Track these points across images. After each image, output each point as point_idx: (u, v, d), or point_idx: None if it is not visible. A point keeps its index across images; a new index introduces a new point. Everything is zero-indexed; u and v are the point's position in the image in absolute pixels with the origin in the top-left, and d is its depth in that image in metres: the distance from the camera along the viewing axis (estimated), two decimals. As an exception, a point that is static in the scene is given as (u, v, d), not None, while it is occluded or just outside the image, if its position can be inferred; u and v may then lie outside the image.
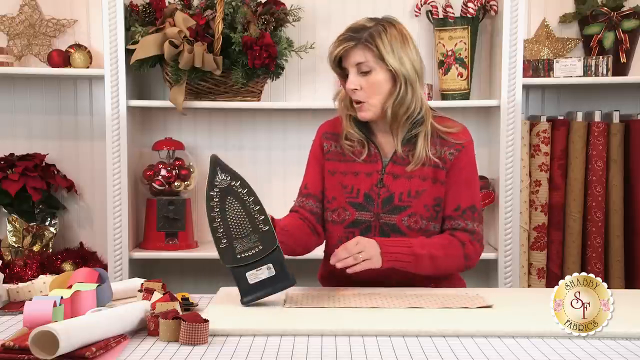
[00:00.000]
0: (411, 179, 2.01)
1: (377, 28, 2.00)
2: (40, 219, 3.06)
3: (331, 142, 2.10)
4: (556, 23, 3.16)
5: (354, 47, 1.97)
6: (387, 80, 1.98)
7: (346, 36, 1.99)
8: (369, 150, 2.06)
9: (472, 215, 2.03)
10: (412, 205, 2.01)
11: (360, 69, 1.98)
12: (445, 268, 2.02)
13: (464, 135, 2.09)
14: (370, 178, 2.04)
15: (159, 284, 1.79)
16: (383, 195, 2.02)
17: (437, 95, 3.09)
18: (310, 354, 1.39)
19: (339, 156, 2.08)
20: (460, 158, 2.04)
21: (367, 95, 1.99)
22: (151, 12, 2.93)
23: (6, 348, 1.34)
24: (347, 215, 2.03)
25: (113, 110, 2.87)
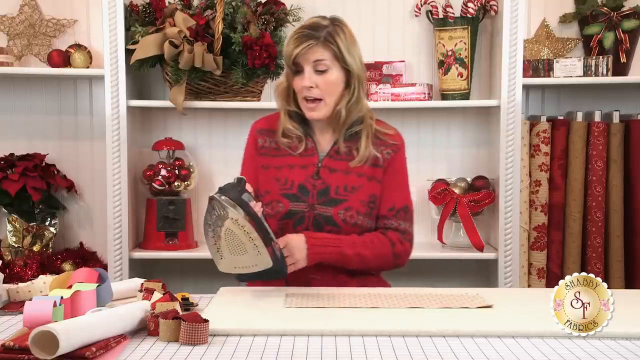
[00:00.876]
0: (348, 175, 2.05)
1: (335, 27, 2.03)
2: (40, 219, 3.06)
3: (266, 137, 2.12)
4: (556, 23, 3.16)
5: (314, 46, 1.99)
6: (341, 80, 2.03)
7: (305, 34, 2.01)
8: (306, 145, 2.08)
9: (404, 216, 2.09)
10: (349, 199, 2.03)
11: (316, 67, 2.00)
12: (374, 266, 2.07)
13: (399, 137, 2.14)
14: (306, 170, 2.06)
15: (159, 284, 1.79)
16: (319, 187, 2.04)
17: (437, 95, 3.09)
18: (310, 354, 1.39)
19: (273, 151, 2.10)
20: (396, 158, 2.10)
21: (323, 94, 2.01)
22: (151, 12, 2.93)
23: (6, 348, 1.34)
24: (280, 207, 2.04)
25: (113, 110, 2.87)
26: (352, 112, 2.04)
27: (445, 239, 3.05)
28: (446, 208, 2.97)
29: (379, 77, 3.09)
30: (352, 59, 2.02)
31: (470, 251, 2.97)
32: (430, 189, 3.03)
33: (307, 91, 2.01)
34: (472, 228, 2.94)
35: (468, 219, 2.94)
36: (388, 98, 2.97)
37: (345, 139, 2.07)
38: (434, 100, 3.04)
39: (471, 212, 2.93)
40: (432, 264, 3.17)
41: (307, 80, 2.00)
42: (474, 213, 2.95)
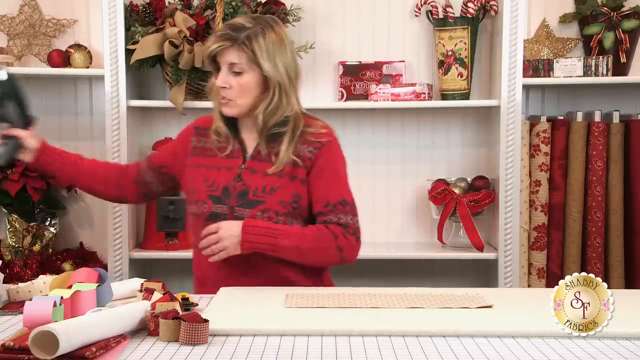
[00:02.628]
0: (267, 176, 2.03)
1: (256, 30, 1.99)
2: (40, 219, 3.06)
3: (200, 137, 2.12)
4: (556, 23, 3.16)
5: (230, 47, 1.98)
6: (258, 84, 2.01)
7: (225, 34, 1.99)
8: (233, 146, 2.08)
9: (343, 209, 2.04)
10: (267, 200, 2.01)
11: (232, 69, 1.99)
12: (315, 260, 2.03)
13: (326, 135, 2.08)
14: (231, 172, 2.06)
15: (159, 284, 1.78)
16: (239, 189, 2.04)
17: (437, 95, 3.09)
18: (310, 354, 1.39)
19: (204, 151, 2.10)
20: (320, 156, 2.05)
21: (236, 95, 2.01)
22: (151, 12, 2.93)
23: (6, 348, 1.34)
24: (205, 208, 2.04)
25: (113, 110, 2.87)
26: (271, 117, 2.01)
27: (445, 239, 3.05)
28: (446, 208, 2.97)
29: (379, 77, 3.09)
30: (271, 64, 1.98)
31: (470, 251, 2.97)
32: (430, 189, 3.03)
33: (221, 90, 2.02)
34: (472, 228, 2.94)
35: (468, 219, 2.94)
36: (388, 98, 2.97)
37: (267, 141, 2.05)
38: (434, 100, 3.04)
39: (471, 212, 2.93)
40: (432, 264, 3.18)
41: (220, 80, 2.01)
42: (474, 213, 2.95)
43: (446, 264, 3.18)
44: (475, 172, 3.12)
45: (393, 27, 3.16)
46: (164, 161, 2.17)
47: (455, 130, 3.19)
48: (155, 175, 2.16)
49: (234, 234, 1.95)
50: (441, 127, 3.19)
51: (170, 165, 2.15)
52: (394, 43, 3.16)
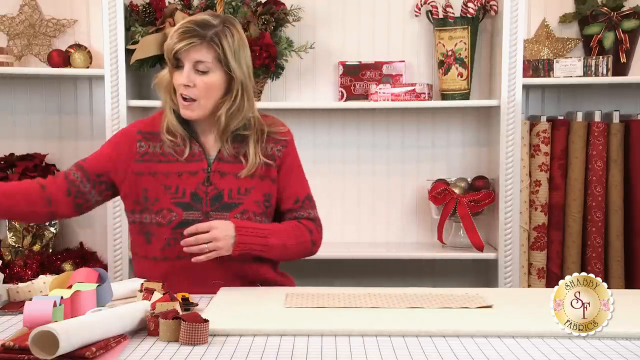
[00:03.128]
0: (239, 177, 2.00)
1: (224, 29, 1.94)
2: (40, 219, 3.06)
3: (149, 142, 2.02)
4: (556, 23, 3.16)
5: (199, 45, 1.91)
6: (222, 83, 1.96)
7: (191, 30, 1.91)
8: (192, 149, 2.00)
9: (310, 204, 2.09)
10: (244, 201, 1.99)
11: (196, 67, 1.92)
12: (294, 255, 2.05)
13: (287, 132, 2.10)
14: (196, 177, 1.99)
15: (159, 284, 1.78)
16: (211, 193, 1.99)
17: (437, 95, 3.09)
18: (310, 354, 1.39)
19: (158, 157, 2.01)
20: (288, 153, 2.06)
21: (199, 95, 1.94)
22: (151, 12, 2.93)
23: (6, 348, 1.34)
24: (173, 216, 1.97)
25: (113, 110, 2.87)
26: (233, 119, 1.97)
27: (445, 239, 3.05)
28: (446, 208, 2.97)
29: (379, 77, 3.09)
30: (237, 64, 1.94)
31: (470, 251, 2.97)
32: (430, 189, 3.03)
33: (184, 89, 1.93)
34: (472, 228, 2.94)
35: (468, 219, 2.94)
36: (388, 98, 2.97)
37: (230, 142, 2.01)
38: (434, 100, 3.04)
39: (471, 212, 2.93)
40: (432, 264, 3.18)
41: (185, 78, 1.92)
42: (474, 213, 2.95)
43: (446, 264, 3.18)
44: (475, 172, 3.13)
45: (393, 27, 3.16)
46: (101, 169, 2.02)
47: (455, 130, 3.19)
48: (93, 184, 2.01)
49: (230, 235, 1.90)
50: (441, 127, 3.19)
51: (109, 172, 2.02)
52: (394, 43, 3.16)
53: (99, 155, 2.06)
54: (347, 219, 3.21)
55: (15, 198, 1.96)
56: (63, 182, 2.01)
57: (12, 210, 1.98)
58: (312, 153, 3.15)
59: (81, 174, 2.01)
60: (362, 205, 3.21)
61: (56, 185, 2.00)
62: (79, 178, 2.01)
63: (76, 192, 2.01)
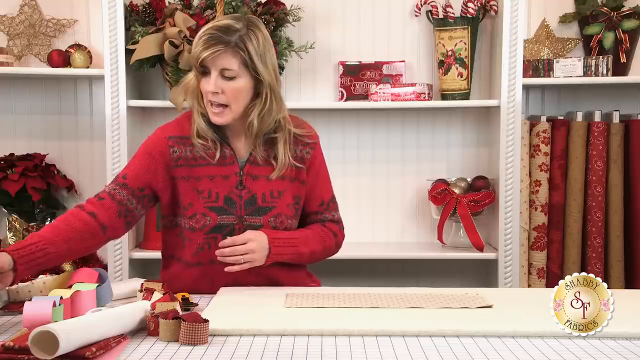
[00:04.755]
0: (270, 180, 2.00)
1: (248, 32, 1.91)
2: (40, 219, 3.06)
3: (181, 147, 1.99)
4: (556, 23, 3.16)
5: (223, 52, 1.88)
6: (250, 87, 1.93)
7: (215, 37, 1.88)
8: (223, 152, 1.98)
9: (334, 206, 2.12)
10: (277, 205, 1.99)
11: (223, 74, 1.89)
12: (320, 258, 2.09)
13: (315, 134, 2.10)
14: (229, 181, 1.98)
15: (159, 284, 1.79)
16: (245, 197, 1.97)
17: (437, 95, 3.09)
18: (310, 354, 1.39)
19: (190, 161, 1.98)
20: (316, 156, 2.07)
21: (228, 101, 1.91)
22: (151, 12, 2.93)
23: (6, 348, 1.34)
24: (207, 220, 1.95)
25: (113, 110, 2.87)
26: (265, 121, 1.95)
27: (445, 239, 3.05)
28: (446, 208, 2.97)
29: (379, 77, 3.09)
30: (264, 67, 1.91)
31: (470, 251, 2.97)
32: (430, 189, 3.03)
33: (212, 96, 1.91)
34: (472, 228, 2.94)
35: (468, 219, 2.94)
36: (388, 98, 2.97)
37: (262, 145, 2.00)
38: (434, 100, 3.04)
39: (471, 212, 2.93)
40: (432, 264, 3.18)
41: (212, 85, 1.89)
42: (474, 213, 2.95)
43: (446, 264, 3.18)
44: (475, 172, 3.13)
45: (393, 27, 3.16)
46: (143, 182, 1.97)
47: (455, 130, 3.19)
48: (138, 199, 1.97)
49: (265, 247, 1.92)
50: (441, 127, 3.19)
51: (150, 184, 1.98)
52: (394, 43, 3.16)
53: (137, 169, 1.99)
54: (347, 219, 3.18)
55: (74, 240, 1.85)
56: (112, 204, 1.94)
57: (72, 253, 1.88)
58: (312, 153, 3.15)
59: (126, 192, 1.96)
60: (362, 205, 3.21)
61: (105, 209, 1.93)
62: (125, 197, 1.95)
63: (126, 212, 1.95)
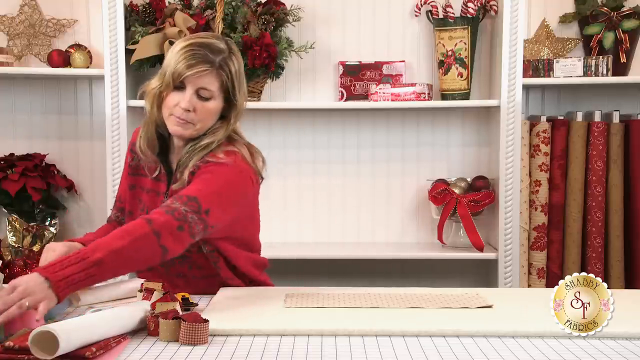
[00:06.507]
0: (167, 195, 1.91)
1: (230, 55, 1.86)
2: (40, 219, 3.06)
3: (133, 155, 2.00)
4: (556, 23, 3.16)
5: (209, 72, 1.82)
6: (219, 110, 1.88)
7: (200, 55, 1.82)
8: (160, 169, 1.94)
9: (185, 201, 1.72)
10: None
11: (199, 93, 1.83)
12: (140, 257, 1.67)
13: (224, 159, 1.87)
14: (158, 198, 1.93)
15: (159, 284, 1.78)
16: None
17: (437, 95, 3.09)
18: (310, 354, 1.39)
19: (140, 170, 1.98)
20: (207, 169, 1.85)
21: (197, 120, 1.84)
22: (151, 12, 2.93)
23: (6, 348, 1.34)
24: None
25: (113, 110, 2.87)
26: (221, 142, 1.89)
27: (445, 239, 3.05)
28: (446, 208, 2.97)
29: (379, 77, 3.09)
30: (239, 92, 1.88)
31: (470, 251, 2.97)
32: (430, 189, 3.03)
33: (181, 112, 1.83)
34: (472, 228, 2.94)
35: (468, 219, 2.94)
36: (388, 98, 2.97)
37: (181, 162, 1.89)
38: (434, 100, 3.04)
39: (471, 212, 2.93)
40: (432, 264, 3.18)
41: (186, 102, 1.82)
42: (474, 213, 2.95)
43: (446, 264, 3.18)
44: (475, 172, 3.13)
45: (393, 27, 3.16)
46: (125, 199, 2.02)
47: (455, 130, 3.19)
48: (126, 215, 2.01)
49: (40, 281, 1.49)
50: (441, 127, 3.19)
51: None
52: (394, 43, 3.16)
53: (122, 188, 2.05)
54: (347, 219, 3.21)
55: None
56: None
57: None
58: (312, 153, 3.15)
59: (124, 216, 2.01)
60: (362, 205, 3.21)
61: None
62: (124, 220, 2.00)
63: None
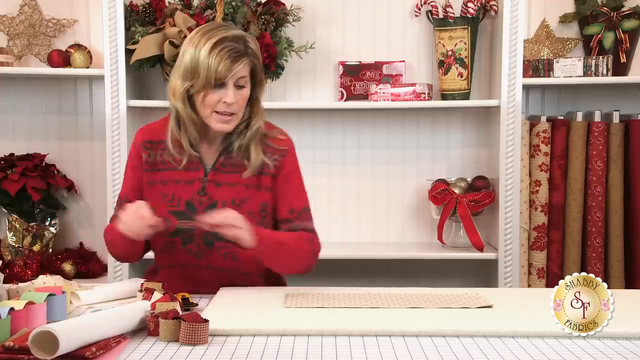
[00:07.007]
0: (234, 187, 1.97)
1: (253, 42, 1.95)
2: (40, 219, 3.06)
3: (149, 151, 2.01)
4: (556, 23, 3.16)
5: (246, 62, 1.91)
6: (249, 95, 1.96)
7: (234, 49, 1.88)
8: (190, 158, 1.98)
9: (307, 217, 2.02)
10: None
11: (238, 83, 1.90)
12: (297, 263, 1.99)
13: (288, 141, 2.06)
14: (192, 186, 1.98)
15: (159, 284, 1.79)
16: (205, 204, 1.96)
17: (437, 95, 3.09)
18: (310, 354, 1.39)
19: (157, 165, 2.00)
20: (286, 163, 2.02)
21: (238, 109, 1.93)
22: (151, 12, 2.93)
23: (6, 348, 1.34)
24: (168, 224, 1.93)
25: (113, 110, 2.87)
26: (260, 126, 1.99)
27: (445, 239, 3.05)
28: (446, 208, 2.97)
29: (379, 77, 3.09)
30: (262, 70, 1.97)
31: (470, 251, 2.97)
32: (430, 189, 3.03)
33: (226, 107, 1.90)
34: (472, 228, 2.94)
35: (468, 219, 2.94)
36: (388, 98, 2.97)
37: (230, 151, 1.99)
38: (434, 100, 3.04)
39: (471, 212, 2.93)
40: (432, 264, 3.18)
41: (230, 97, 1.89)
42: (474, 213, 2.95)
43: (446, 264, 3.18)
44: (475, 172, 3.12)
45: (393, 27, 3.16)
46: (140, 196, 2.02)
47: (455, 130, 3.19)
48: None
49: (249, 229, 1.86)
50: (441, 127, 3.19)
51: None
52: (394, 43, 3.16)
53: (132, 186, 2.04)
54: (347, 219, 3.21)
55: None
56: None
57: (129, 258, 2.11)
58: (312, 153, 3.15)
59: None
60: (362, 205, 3.21)
61: None
62: None
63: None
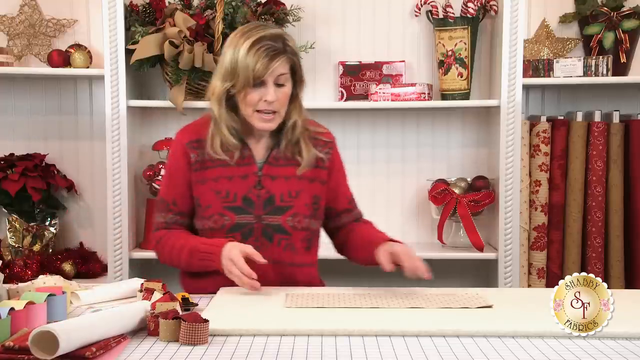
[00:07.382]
0: (289, 180, 2.02)
1: (290, 39, 1.99)
2: (40, 219, 3.06)
3: (197, 151, 2.03)
4: (556, 23, 3.16)
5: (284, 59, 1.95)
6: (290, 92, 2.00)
7: (272, 47, 1.92)
8: (242, 153, 2.02)
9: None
10: (294, 205, 2.01)
11: (278, 81, 1.95)
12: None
13: (330, 134, 2.15)
14: (247, 181, 2.01)
15: (159, 284, 1.79)
16: (263, 197, 2.00)
17: (437, 95, 3.09)
18: (310, 354, 1.39)
19: (206, 163, 2.02)
20: (335, 155, 2.13)
21: (279, 107, 1.97)
22: (151, 12, 2.93)
23: (6, 348, 1.34)
24: (225, 220, 1.98)
25: (113, 110, 2.87)
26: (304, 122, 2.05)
27: (445, 239, 3.05)
28: (446, 208, 2.97)
29: (379, 77, 3.09)
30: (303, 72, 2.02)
31: (470, 251, 2.97)
32: (430, 189, 3.03)
33: (267, 105, 1.95)
34: (472, 228, 2.94)
35: (468, 219, 2.94)
36: (388, 98, 2.97)
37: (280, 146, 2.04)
38: (434, 100, 3.04)
39: (471, 212, 2.93)
40: (432, 264, 3.14)
41: (271, 95, 1.93)
42: (474, 213, 2.95)
43: (446, 264, 3.17)
44: (475, 172, 3.13)
45: (393, 27, 3.16)
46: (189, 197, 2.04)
47: (455, 130, 3.19)
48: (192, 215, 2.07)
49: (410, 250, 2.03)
50: (441, 127, 3.19)
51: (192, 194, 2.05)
52: (394, 43, 3.16)
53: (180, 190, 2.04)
54: (347, 219, 3.21)
55: None
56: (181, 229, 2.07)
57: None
58: (312, 153, 3.15)
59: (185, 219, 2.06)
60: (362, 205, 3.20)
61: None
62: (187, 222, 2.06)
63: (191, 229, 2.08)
